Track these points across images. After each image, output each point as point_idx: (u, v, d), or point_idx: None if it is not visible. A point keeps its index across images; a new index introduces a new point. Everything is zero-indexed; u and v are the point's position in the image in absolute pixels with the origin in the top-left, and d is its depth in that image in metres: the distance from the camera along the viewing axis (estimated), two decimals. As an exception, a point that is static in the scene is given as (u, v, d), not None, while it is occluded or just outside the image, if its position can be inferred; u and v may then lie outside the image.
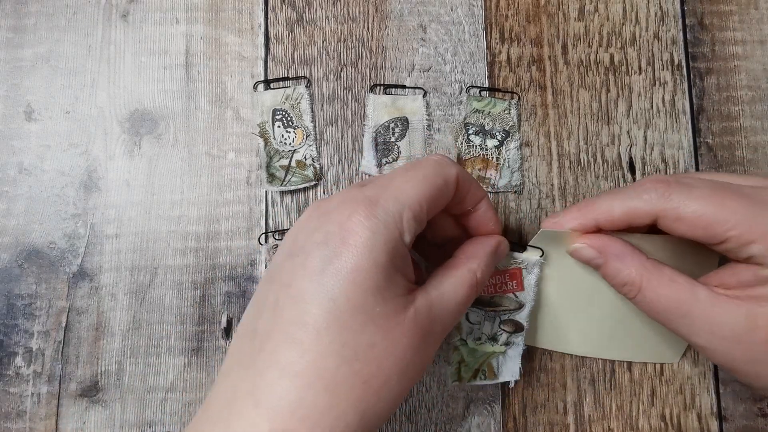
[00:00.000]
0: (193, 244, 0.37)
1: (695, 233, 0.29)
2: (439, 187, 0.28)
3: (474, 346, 0.35)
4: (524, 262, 0.34)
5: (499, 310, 0.34)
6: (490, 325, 0.35)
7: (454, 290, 0.28)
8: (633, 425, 0.36)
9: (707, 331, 0.28)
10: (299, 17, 0.39)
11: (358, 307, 0.24)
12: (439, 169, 0.28)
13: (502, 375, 0.35)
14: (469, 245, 0.31)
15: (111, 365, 0.36)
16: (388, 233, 0.25)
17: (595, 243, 0.31)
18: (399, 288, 0.26)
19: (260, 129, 0.38)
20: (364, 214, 0.25)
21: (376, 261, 0.25)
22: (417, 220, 0.27)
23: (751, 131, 0.39)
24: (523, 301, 0.34)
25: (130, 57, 0.39)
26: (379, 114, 0.38)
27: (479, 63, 0.39)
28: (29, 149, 0.38)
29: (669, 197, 0.29)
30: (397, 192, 0.27)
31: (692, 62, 0.39)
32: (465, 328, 0.35)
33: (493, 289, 0.34)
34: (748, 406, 0.37)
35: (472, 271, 0.29)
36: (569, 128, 0.39)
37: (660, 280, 0.29)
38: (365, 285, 0.25)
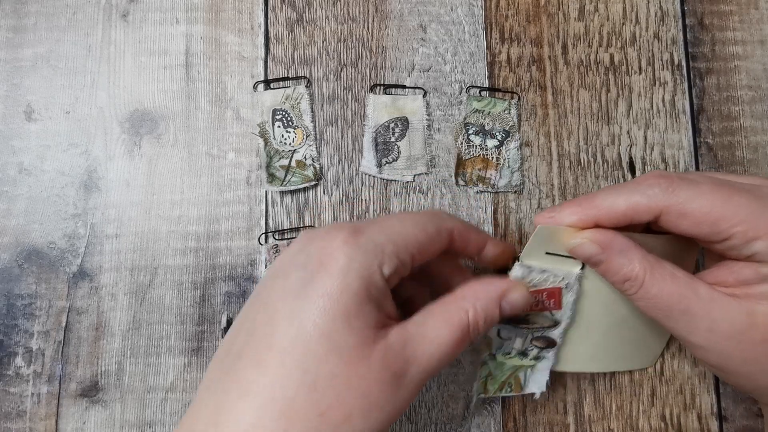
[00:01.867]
0: (193, 244, 0.37)
1: (699, 230, 0.28)
2: (429, 234, 0.27)
3: (502, 360, 0.34)
4: (564, 279, 0.31)
5: (533, 328, 0.32)
6: (522, 340, 0.33)
7: (437, 329, 0.26)
8: (633, 425, 0.36)
9: (706, 329, 0.28)
10: (299, 17, 0.39)
11: (323, 333, 0.24)
12: (434, 219, 0.28)
13: (529, 387, 0.34)
14: (470, 282, 0.28)
15: (111, 365, 0.36)
16: (366, 261, 0.25)
17: (597, 238, 0.29)
18: (370, 319, 0.25)
19: (260, 129, 0.38)
20: (345, 239, 0.25)
21: (349, 287, 0.24)
22: (399, 258, 0.26)
23: (751, 131, 0.39)
24: (558, 319, 0.32)
25: (130, 57, 0.39)
26: (379, 114, 0.38)
27: (479, 63, 0.39)
28: (29, 149, 0.38)
29: (674, 192, 0.28)
30: (384, 227, 0.27)
31: (692, 62, 0.39)
32: (495, 343, 0.33)
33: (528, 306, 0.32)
34: (748, 406, 0.37)
35: (463, 309, 0.27)
36: (569, 128, 0.39)
37: (662, 275, 0.28)
38: (333, 311, 0.24)
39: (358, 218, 0.38)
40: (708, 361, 0.29)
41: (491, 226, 0.38)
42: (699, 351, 0.29)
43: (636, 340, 0.35)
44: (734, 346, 0.28)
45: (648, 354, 0.36)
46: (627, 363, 0.36)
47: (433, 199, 0.38)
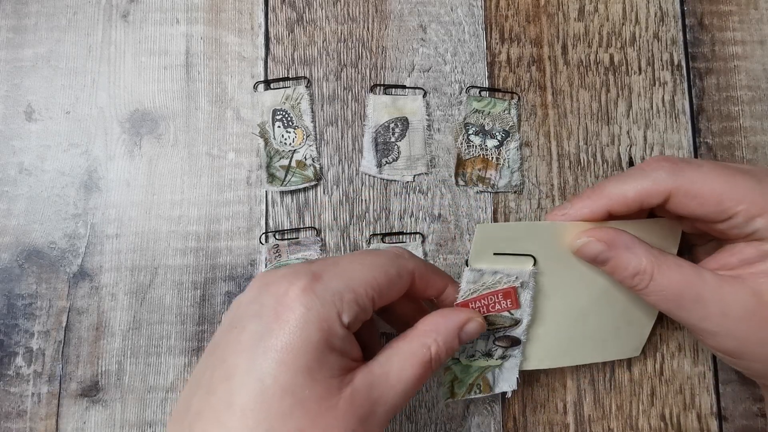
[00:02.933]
0: (193, 244, 0.37)
1: (705, 210, 0.29)
2: (390, 276, 0.27)
3: (467, 363, 0.34)
4: (518, 278, 0.31)
5: (494, 329, 0.33)
6: (484, 342, 0.33)
7: (402, 368, 0.26)
8: (633, 425, 0.36)
9: (719, 314, 0.28)
10: (299, 17, 0.39)
11: (286, 389, 0.23)
12: (395, 261, 0.28)
13: (498, 386, 0.34)
14: (430, 316, 0.29)
15: (111, 365, 0.36)
16: (324, 311, 0.24)
17: (602, 236, 0.30)
18: (334, 369, 0.24)
19: (260, 129, 0.38)
20: (302, 288, 0.24)
21: (308, 339, 0.24)
22: (359, 304, 0.25)
23: (751, 131, 0.39)
24: (519, 318, 0.32)
25: (130, 57, 0.39)
26: (379, 114, 0.38)
27: (479, 63, 0.39)
28: (30, 149, 0.38)
29: (680, 174, 0.29)
30: (343, 272, 0.26)
31: (692, 62, 0.39)
32: None
33: (485, 309, 0.32)
34: (747, 406, 0.37)
35: (425, 346, 0.27)
36: (569, 128, 0.39)
37: (669, 266, 0.29)
38: (294, 365, 0.23)
39: (358, 218, 0.38)
40: (724, 349, 0.29)
41: (491, 226, 0.38)
42: (714, 339, 0.29)
43: (611, 330, 0.35)
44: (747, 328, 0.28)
45: (630, 342, 0.36)
46: (607, 353, 0.36)
47: (433, 199, 0.38)
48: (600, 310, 0.34)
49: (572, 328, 0.34)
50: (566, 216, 0.31)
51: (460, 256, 0.37)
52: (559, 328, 0.34)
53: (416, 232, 0.37)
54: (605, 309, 0.34)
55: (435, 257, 0.37)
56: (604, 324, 0.34)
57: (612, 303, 0.34)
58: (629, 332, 0.35)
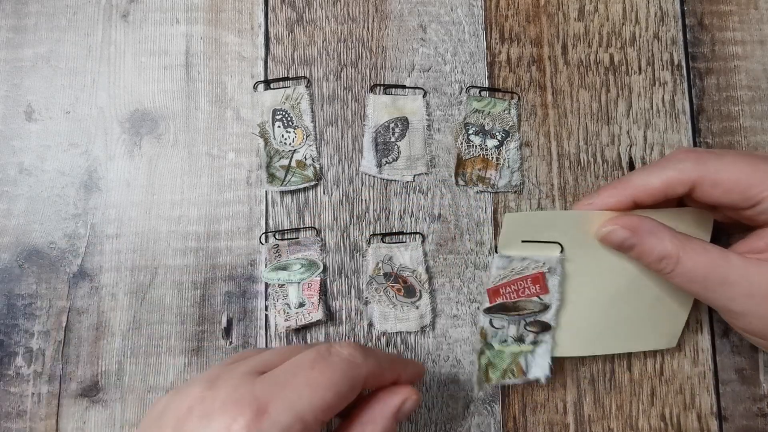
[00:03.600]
0: (193, 244, 0.37)
1: (730, 198, 0.29)
2: (342, 394, 0.25)
3: (501, 348, 0.34)
4: (546, 264, 0.33)
5: (524, 314, 0.34)
6: (516, 327, 0.34)
7: None
8: (633, 425, 0.36)
9: (745, 294, 0.29)
10: (299, 17, 0.39)
11: None
12: (348, 372, 0.26)
13: (532, 372, 0.34)
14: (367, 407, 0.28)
15: (111, 365, 0.36)
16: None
17: (626, 223, 0.31)
18: None
19: (260, 129, 0.38)
20: (246, 425, 0.23)
21: None
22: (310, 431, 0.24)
23: (751, 131, 0.39)
24: (548, 302, 0.33)
25: (130, 57, 0.39)
26: (379, 114, 0.38)
27: (479, 63, 0.39)
28: (29, 149, 0.38)
29: (705, 164, 0.29)
30: (292, 399, 0.24)
31: (692, 62, 0.39)
32: (489, 332, 0.35)
33: (515, 294, 0.33)
34: (747, 406, 0.37)
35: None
36: (569, 128, 0.39)
37: (694, 249, 0.29)
38: None
39: (358, 218, 0.38)
40: (752, 329, 0.30)
41: (491, 226, 0.38)
42: (741, 319, 0.30)
43: (644, 319, 0.35)
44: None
45: (664, 333, 0.36)
46: (640, 343, 0.36)
47: (433, 199, 0.38)
48: (630, 298, 0.34)
49: (603, 316, 0.34)
50: (592, 205, 0.32)
51: (461, 256, 0.37)
52: (589, 315, 0.34)
53: (416, 232, 0.37)
54: (636, 297, 0.34)
55: (435, 257, 0.37)
56: (635, 312, 0.34)
57: (643, 291, 0.34)
58: (663, 322, 0.35)
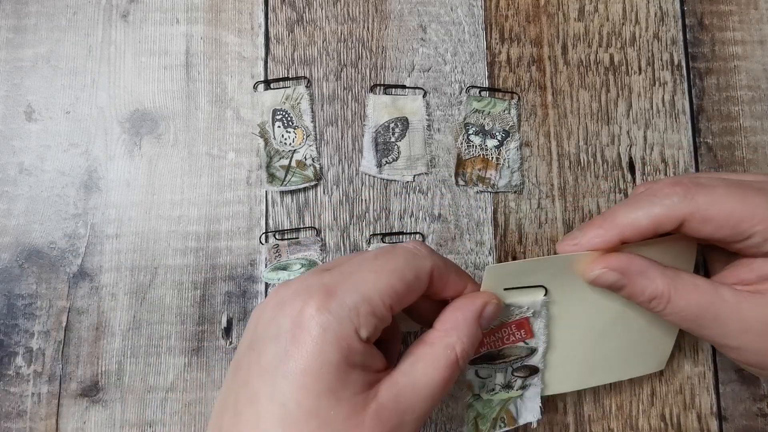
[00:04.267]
0: (193, 244, 0.37)
1: (721, 233, 0.28)
2: (408, 281, 0.26)
3: (489, 397, 0.33)
4: (530, 309, 0.31)
5: (510, 360, 0.32)
6: (503, 375, 0.33)
7: (428, 374, 0.25)
8: (633, 425, 0.36)
9: (739, 330, 0.28)
10: (299, 17, 0.39)
11: (310, 412, 0.23)
12: (412, 262, 0.26)
13: (522, 417, 0.34)
14: (448, 312, 0.28)
15: (111, 365, 0.36)
16: (341, 329, 0.24)
17: (615, 264, 0.29)
18: (357, 385, 0.24)
19: (260, 129, 0.38)
20: (316, 306, 0.24)
21: (328, 361, 0.23)
22: (377, 316, 0.25)
23: (751, 131, 0.39)
24: (534, 346, 0.32)
25: (130, 57, 0.39)
26: (379, 114, 0.38)
27: (479, 63, 0.39)
28: (29, 149, 0.38)
29: (693, 199, 0.28)
30: (358, 283, 0.25)
31: (692, 62, 0.39)
32: (476, 383, 0.33)
33: (500, 342, 0.32)
34: (748, 406, 0.37)
35: (449, 346, 0.26)
36: (569, 128, 0.39)
37: (685, 287, 0.29)
38: (316, 388, 0.23)
39: (358, 218, 0.38)
40: (747, 362, 0.29)
41: (491, 226, 0.38)
42: (736, 353, 0.29)
43: (632, 348, 0.34)
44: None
45: (654, 358, 0.35)
46: (630, 371, 0.35)
47: (433, 199, 0.38)
48: (619, 331, 0.33)
49: (591, 352, 0.34)
50: (578, 246, 0.30)
51: (461, 256, 0.37)
52: (578, 353, 0.33)
53: (416, 232, 0.37)
54: (624, 329, 0.33)
55: (435, 257, 0.37)
56: (624, 344, 0.34)
57: (630, 322, 0.33)
58: (651, 348, 0.35)
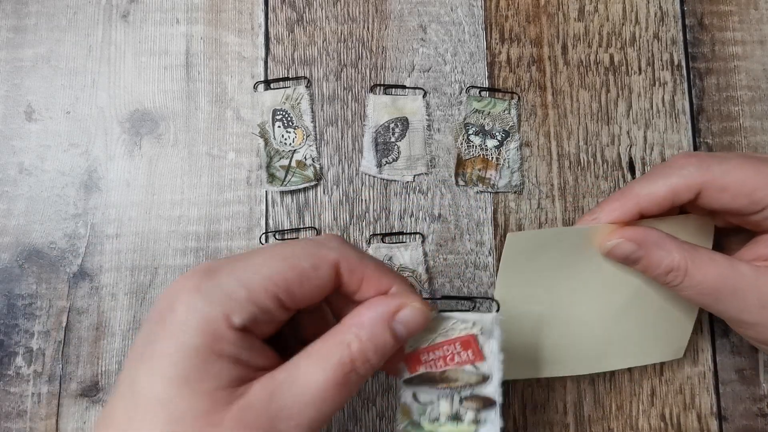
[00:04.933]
0: (193, 244, 0.37)
1: (737, 202, 0.29)
2: (301, 270, 0.23)
3: (431, 428, 0.27)
4: (476, 324, 0.27)
5: (456, 386, 0.27)
6: (448, 403, 0.27)
7: (312, 372, 0.22)
8: (633, 425, 0.36)
9: (758, 305, 0.28)
10: (299, 17, 0.39)
11: (160, 402, 0.20)
12: (311, 250, 0.23)
13: None
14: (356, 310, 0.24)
15: (111, 365, 0.36)
16: (208, 312, 0.21)
17: (632, 235, 0.29)
18: (221, 379, 0.21)
19: (260, 129, 0.38)
20: (189, 287, 0.22)
21: (186, 345, 0.21)
22: (256, 304, 0.22)
23: (751, 131, 0.39)
24: (487, 372, 0.27)
25: (130, 57, 0.39)
26: (379, 114, 0.38)
27: (479, 63, 0.39)
28: (30, 149, 0.38)
29: (709, 168, 0.29)
30: (242, 267, 0.22)
31: (692, 62, 0.39)
32: (414, 408, 0.27)
33: (442, 361, 0.27)
34: (747, 406, 0.37)
35: (343, 343, 0.23)
36: (569, 128, 0.39)
37: (702, 261, 0.29)
38: (168, 374, 0.20)
39: (358, 218, 0.38)
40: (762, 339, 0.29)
41: (491, 226, 0.38)
42: (754, 329, 0.29)
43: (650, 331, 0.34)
44: None
45: (672, 344, 0.35)
46: (648, 356, 0.35)
47: (433, 199, 0.38)
48: (636, 311, 0.33)
49: (608, 332, 0.33)
50: (597, 221, 0.30)
51: (461, 256, 0.37)
52: (594, 332, 0.33)
53: (416, 232, 0.37)
54: (641, 310, 0.33)
55: (435, 257, 0.37)
56: (641, 326, 0.34)
57: (648, 304, 0.33)
58: (669, 334, 0.35)
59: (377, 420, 0.36)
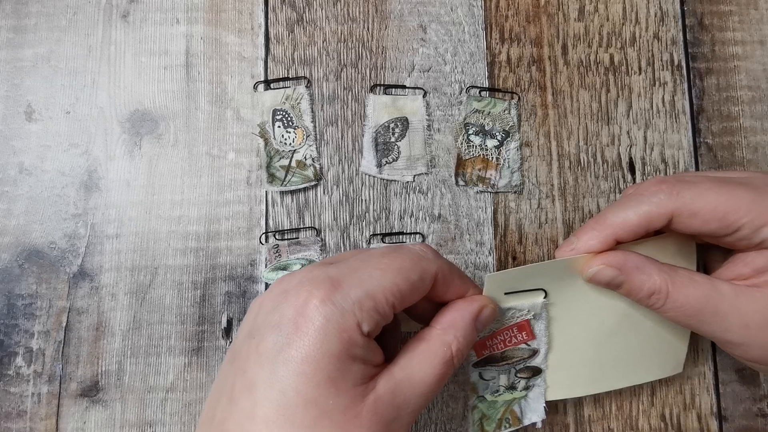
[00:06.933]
0: (193, 244, 0.37)
1: (709, 226, 0.29)
2: (412, 282, 0.26)
3: (493, 399, 0.34)
4: (530, 311, 0.32)
5: (513, 362, 0.33)
6: (506, 377, 0.34)
7: (423, 369, 0.26)
8: (633, 425, 0.36)
9: (740, 325, 0.28)
10: (299, 17, 0.39)
11: (309, 401, 0.23)
12: (418, 264, 0.27)
13: (527, 417, 0.34)
14: (446, 312, 0.28)
15: (111, 365, 0.36)
16: (344, 321, 0.24)
17: (612, 261, 0.30)
18: (356, 377, 0.24)
19: (260, 129, 0.38)
20: (321, 298, 0.24)
21: (329, 351, 0.23)
22: (379, 312, 0.25)
23: (751, 131, 0.39)
24: (536, 347, 0.33)
25: (130, 57, 0.39)
26: (379, 114, 0.38)
27: (479, 63, 0.39)
28: (29, 149, 0.38)
29: (679, 195, 0.29)
30: (363, 278, 0.25)
31: (692, 62, 0.39)
32: (480, 385, 0.34)
33: (502, 344, 0.32)
34: (747, 406, 0.37)
35: (446, 344, 0.27)
36: (569, 128, 0.39)
37: (683, 282, 0.29)
38: (316, 377, 0.23)
39: (358, 218, 0.38)
40: (750, 357, 0.29)
41: (491, 226, 0.38)
42: (739, 349, 0.29)
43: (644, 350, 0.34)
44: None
45: (668, 360, 0.35)
46: (644, 375, 0.35)
47: (433, 199, 0.38)
48: (626, 332, 0.33)
49: (599, 354, 0.33)
50: (575, 251, 0.31)
51: (461, 256, 0.37)
52: (585, 355, 0.33)
53: (416, 232, 0.37)
54: (631, 331, 0.33)
55: (435, 257, 0.37)
56: (633, 345, 0.34)
57: (638, 324, 0.33)
58: (665, 350, 0.34)
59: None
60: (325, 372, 0.23)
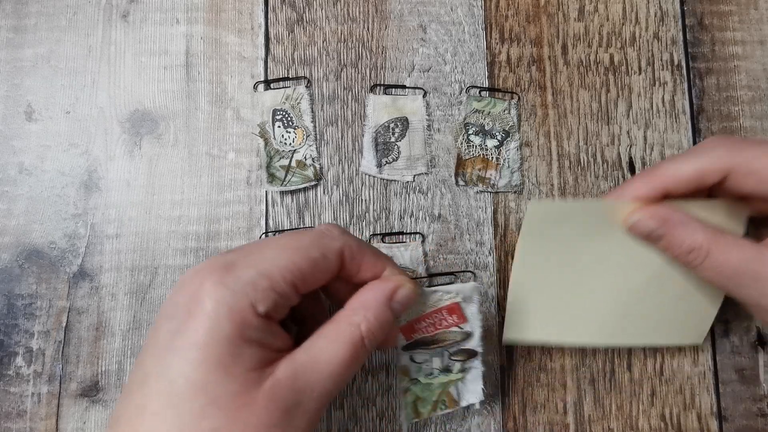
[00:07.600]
0: (193, 244, 0.37)
1: (765, 187, 0.28)
2: (312, 259, 0.25)
3: (428, 381, 0.34)
4: (459, 294, 0.32)
5: (446, 345, 0.33)
6: (440, 359, 0.33)
7: (329, 351, 0.25)
8: (633, 425, 0.36)
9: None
10: (299, 17, 0.39)
11: (198, 388, 0.22)
12: (319, 240, 0.26)
13: (465, 399, 0.34)
14: (359, 293, 0.28)
15: (111, 365, 0.36)
16: (235, 302, 0.23)
17: (655, 213, 0.30)
18: (251, 361, 0.23)
19: (260, 129, 0.38)
20: (213, 281, 0.23)
21: (220, 335, 0.23)
22: (277, 291, 0.24)
23: (751, 131, 0.39)
24: (470, 330, 0.33)
25: (130, 57, 0.39)
26: (379, 114, 0.38)
27: (479, 63, 0.39)
28: (29, 149, 0.38)
29: (740, 152, 0.29)
30: (258, 260, 0.25)
31: (692, 62, 0.39)
32: (412, 368, 0.34)
33: (432, 327, 0.32)
34: (748, 406, 0.37)
35: (354, 324, 0.26)
36: (569, 128, 0.39)
37: (726, 243, 0.29)
38: (207, 363, 0.22)
39: (358, 218, 0.38)
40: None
41: (491, 226, 0.38)
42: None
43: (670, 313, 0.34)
44: None
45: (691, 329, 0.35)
46: (665, 337, 0.35)
47: (433, 199, 0.38)
48: (657, 291, 0.33)
49: (627, 306, 0.34)
50: (623, 196, 0.31)
51: (461, 256, 0.37)
52: (613, 304, 0.33)
53: (416, 232, 0.37)
54: (663, 290, 0.33)
55: (435, 257, 0.37)
56: (660, 306, 0.34)
57: (671, 285, 0.33)
58: (690, 318, 0.34)
59: (377, 420, 0.36)
60: (216, 356, 0.22)
